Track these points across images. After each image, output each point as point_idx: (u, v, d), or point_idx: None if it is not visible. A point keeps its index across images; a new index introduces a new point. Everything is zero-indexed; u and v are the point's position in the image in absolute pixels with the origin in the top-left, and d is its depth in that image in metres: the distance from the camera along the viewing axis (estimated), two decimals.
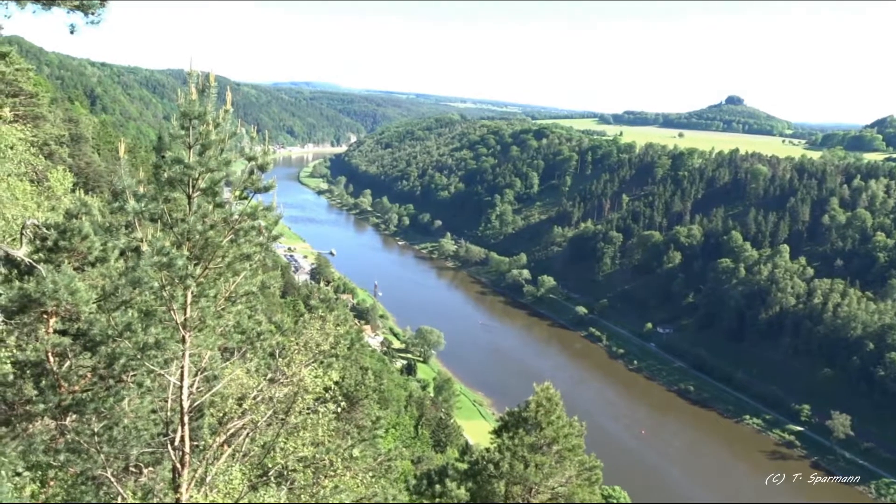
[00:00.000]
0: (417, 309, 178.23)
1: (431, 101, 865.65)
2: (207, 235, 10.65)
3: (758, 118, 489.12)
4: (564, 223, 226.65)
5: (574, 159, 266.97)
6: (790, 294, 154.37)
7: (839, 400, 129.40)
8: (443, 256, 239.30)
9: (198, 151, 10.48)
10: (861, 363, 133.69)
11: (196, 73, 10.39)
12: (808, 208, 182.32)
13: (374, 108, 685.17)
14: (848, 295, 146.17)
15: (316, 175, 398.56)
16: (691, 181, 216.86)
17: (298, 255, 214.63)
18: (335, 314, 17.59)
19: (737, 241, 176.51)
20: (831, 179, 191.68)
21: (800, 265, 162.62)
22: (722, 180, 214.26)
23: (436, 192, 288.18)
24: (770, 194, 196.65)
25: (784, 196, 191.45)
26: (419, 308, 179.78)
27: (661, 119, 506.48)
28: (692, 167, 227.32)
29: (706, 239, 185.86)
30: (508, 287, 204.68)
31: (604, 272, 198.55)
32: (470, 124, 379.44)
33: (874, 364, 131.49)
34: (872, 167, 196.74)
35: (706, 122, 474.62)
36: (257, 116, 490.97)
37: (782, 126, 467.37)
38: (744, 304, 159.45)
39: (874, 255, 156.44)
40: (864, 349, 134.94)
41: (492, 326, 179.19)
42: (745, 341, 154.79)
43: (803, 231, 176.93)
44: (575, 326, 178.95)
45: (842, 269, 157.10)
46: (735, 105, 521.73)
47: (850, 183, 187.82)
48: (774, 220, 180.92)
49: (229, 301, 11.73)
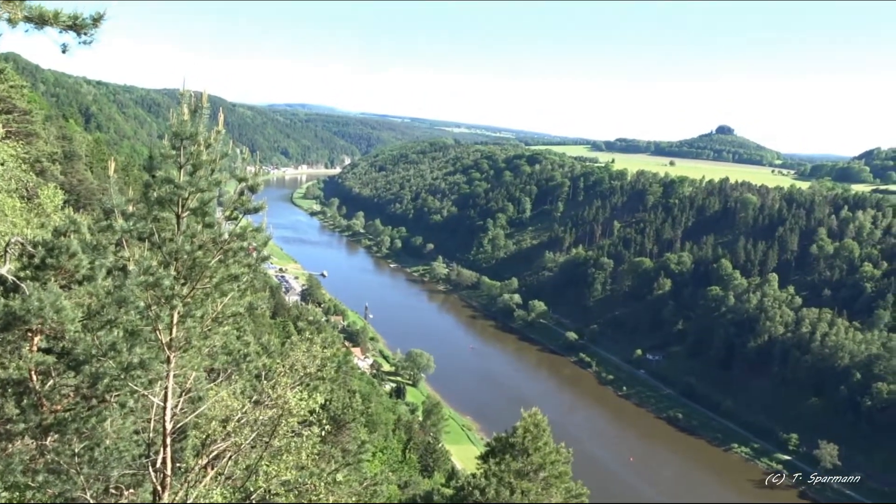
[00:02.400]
0: (408, 332, 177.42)
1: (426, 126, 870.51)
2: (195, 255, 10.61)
3: (748, 148, 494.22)
4: (556, 248, 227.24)
5: (566, 185, 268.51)
6: (779, 323, 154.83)
7: (827, 429, 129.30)
8: (434, 280, 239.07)
9: (188, 171, 10.48)
10: (848, 393, 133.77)
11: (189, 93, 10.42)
12: (796, 238, 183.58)
13: (369, 131, 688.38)
14: (836, 324, 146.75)
15: (309, 196, 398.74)
16: (682, 209, 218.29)
17: (290, 275, 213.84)
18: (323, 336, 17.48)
19: (726, 270, 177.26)
20: (820, 210, 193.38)
21: (788, 294, 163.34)
22: (712, 209, 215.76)
23: (428, 215, 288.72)
24: (759, 223, 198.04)
25: (773, 225, 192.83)
26: (410, 331, 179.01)
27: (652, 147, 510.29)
28: (683, 195, 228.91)
29: (696, 266, 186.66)
30: (499, 311, 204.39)
31: (594, 298, 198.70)
32: (464, 149, 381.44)
33: (861, 394, 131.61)
34: (860, 198, 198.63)
35: (697, 150, 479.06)
36: (252, 137, 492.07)
37: (772, 156, 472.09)
38: (733, 333, 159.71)
39: (861, 286, 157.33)
40: (852, 379, 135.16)
41: (482, 351, 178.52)
42: (734, 369, 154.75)
43: (792, 260, 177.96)
44: (565, 352, 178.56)
45: (830, 298, 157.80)
46: (726, 135, 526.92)
47: (838, 213, 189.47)
48: (763, 248, 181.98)
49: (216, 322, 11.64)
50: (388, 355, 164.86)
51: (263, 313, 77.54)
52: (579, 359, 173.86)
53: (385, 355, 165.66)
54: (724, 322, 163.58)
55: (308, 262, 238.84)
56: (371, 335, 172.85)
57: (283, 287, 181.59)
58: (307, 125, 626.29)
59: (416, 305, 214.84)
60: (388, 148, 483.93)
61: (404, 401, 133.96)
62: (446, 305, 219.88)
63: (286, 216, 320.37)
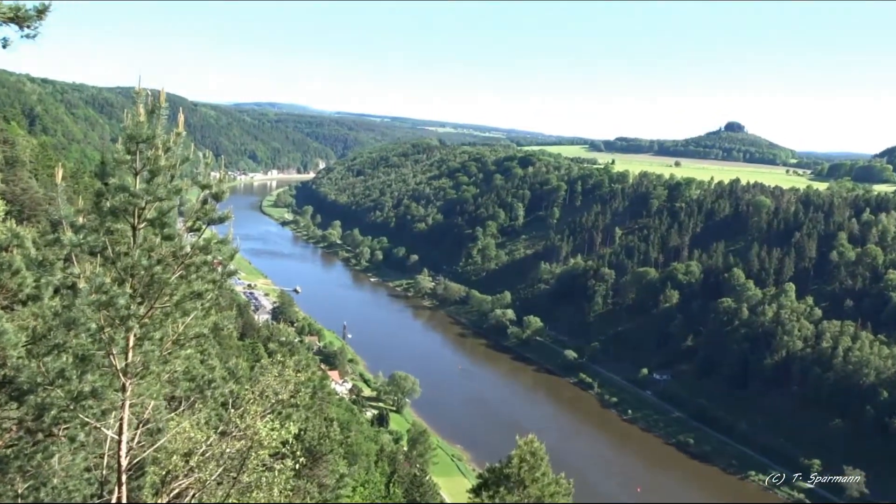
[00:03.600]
0: (390, 352, 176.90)
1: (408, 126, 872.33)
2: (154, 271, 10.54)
3: (760, 146, 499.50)
4: (552, 259, 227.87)
5: (563, 189, 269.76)
6: (797, 337, 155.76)
7: (852, 454, 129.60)
8: (419, 294, 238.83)
9: (145, 178, 10.42)
10: (875, 413, 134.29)
11: (145, 91, 10.38)
12: (814, 244, 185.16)
13: (346, 132, 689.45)
14: (859, 338, 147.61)
15: (280, 204, 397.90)
16: (689, 213, 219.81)
17: (259, 292, 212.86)
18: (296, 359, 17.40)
19: (739, 280, 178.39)
20: (839, 213, 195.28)
21: (807, 305, 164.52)
22: (722, 213, 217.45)
23: (412, 223, 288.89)
24: (774, 228, 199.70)
25: (789, 230, 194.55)
26: (392, 351, 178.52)
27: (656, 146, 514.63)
28: (690, 198, 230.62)
29: (705, 276, 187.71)
30: (491, 328, 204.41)
31: (595, 312, 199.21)
32: (450, 150, 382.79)
33: (889, 414, 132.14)
34: (883, 199, 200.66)
35: (704, 149, 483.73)
36: (216, 139, 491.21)
37: (786, 155, 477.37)
38: (747, 349, 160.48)
39: (887, 295, 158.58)
40: (878, 397, 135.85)
41: (472, 372, 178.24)
42: (749, 389, 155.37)
43: (810, 268, 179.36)
44: (564, 372, 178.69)
45: (852, 309, 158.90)
46: (735, 132, 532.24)
47: (859, 216, 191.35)
48: (779, 256, 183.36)
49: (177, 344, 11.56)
50: (369, 379, 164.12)
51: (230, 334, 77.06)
52: (579, 380, 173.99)
53: (366, 379, 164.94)
54: (737, 337, 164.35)
55: (279, 277, 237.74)
56: (350, 357, 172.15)
57: (252, 305, 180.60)
58: (277, 126, 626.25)
59: (400, 323, 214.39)
60: (367, 150, 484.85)
61: (387, 429, 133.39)
62: (433, 323, 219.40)
63: (255, 226, 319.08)
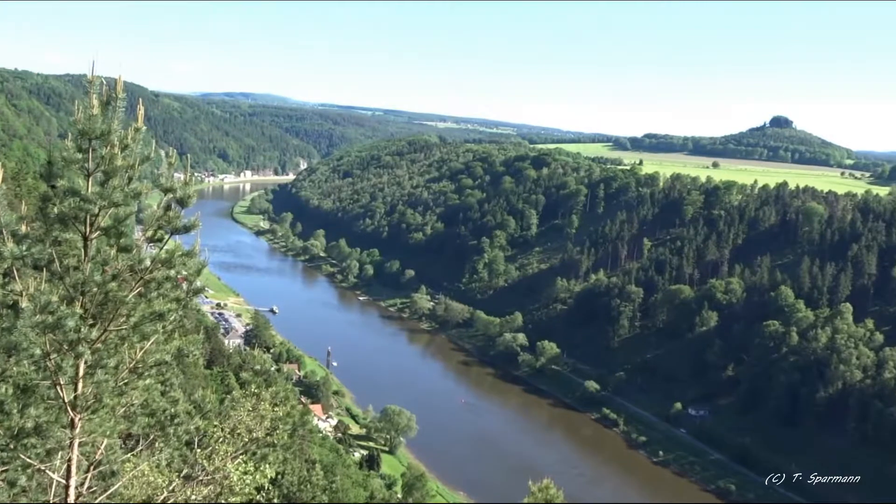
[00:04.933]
0: (382, 383, 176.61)
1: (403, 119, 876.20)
2: (108, 288, 10.53)
3: (810, 145, 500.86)
4: (570, 274, 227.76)
5: (582, 194, 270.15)
6: (855, 367, 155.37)
7: None
8: (416, 316, 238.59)
9: (99, 180, 10.43)
10: None
11: (99, 79, 10.40)
12: (874, 258, 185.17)
13: (331, 126, 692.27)
14: None
15: (254, 211, 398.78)
16: (729, 222, 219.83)
17: (230, 312, 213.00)
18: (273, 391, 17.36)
19: (787, 299, 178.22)
20: None
21: (866, 330, 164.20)
22: (767, 222, 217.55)
23: (408, 233, 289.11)
24: (827, 240, 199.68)
25: (844, 242, 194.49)
26: (385, 382, 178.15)
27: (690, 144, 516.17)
28: (730, 205, 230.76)
29: (748, 295, 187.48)
30: (499, 355, 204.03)
31: (620, 337, 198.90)
32: (451, 148, 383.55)
33: None
34: None
35: (746, 148, 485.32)
36: (180, 135, 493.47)
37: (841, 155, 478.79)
38: (797, 380, 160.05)
39: None
40: None
41: (477, 406, 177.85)
42: (800, 427, 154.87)
43: (869, 286, 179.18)
44: (584, 406, 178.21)
45: None
46: (782, 128, 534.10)
47: None
48: (833, 272, 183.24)
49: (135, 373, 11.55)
50: (358, 414, 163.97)
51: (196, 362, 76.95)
52: (602, 415, 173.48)
53: (353, 414, 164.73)
54: (785, 366, 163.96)
55: (254, 296, 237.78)
56: (335, 388, 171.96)
57: (222, 328, 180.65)
58: (251, 120, 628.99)
59: (393, 349, 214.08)
60: (356, 148, 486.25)
61: (379, 472, 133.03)
62: (432, 348, 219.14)
63: (225, 236, 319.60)
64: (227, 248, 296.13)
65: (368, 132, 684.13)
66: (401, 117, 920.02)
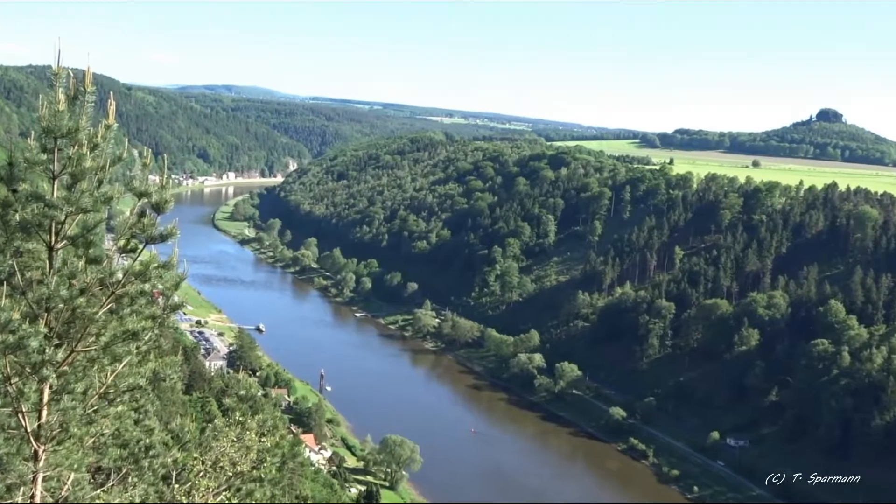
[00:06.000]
0: (382, 410, 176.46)
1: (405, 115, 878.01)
2: (76, 304, 10.55)
3: (863, 141, 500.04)
4: (593, 287, 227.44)
5: (606, 197, 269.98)
6: None
7: None
8: (420, 334, 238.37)
9: (65, 184, 10.47)
10: None
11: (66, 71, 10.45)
12: None
13: (324, 122, 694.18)
14: None
15: (239, 217, 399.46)
16: (771, 229, 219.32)
17: (211, 331, 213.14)
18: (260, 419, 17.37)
19: (837, 315, 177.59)
20: None
21: None
22: (814, 228, 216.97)
23: (410, 242, 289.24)
24: (882, 248, 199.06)
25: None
26: (385, 409, 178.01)
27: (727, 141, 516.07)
28: (772, 209, 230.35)
29: (794, 311, 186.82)
30: (513, 378, 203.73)
31: (649, 358, 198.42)
32: (459, 147, 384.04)
33: None
34: None
35: (791, 145, 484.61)
36: (156, 133, 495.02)
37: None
38: (849, 405, 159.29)
39: None
40: None
41: (489, 436, 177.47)
42: (852, 458, 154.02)
43: None
44: (609, 436, 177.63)
45: None
46: (831, 122, 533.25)
47: None
48: (889, 284, 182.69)
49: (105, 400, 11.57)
50: (355, 445, 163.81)
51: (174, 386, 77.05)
52: (630, 445, 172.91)
53: (350, 445, 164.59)
54: (835, 390, 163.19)
55: (238, 312, 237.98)
56: (329, 416, 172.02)
57: (203, 348, 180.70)
58: (235, 115, 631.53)
59: (394, 372, 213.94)
60: (352, 147, 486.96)
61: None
62: (437, 371, 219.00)
63: (206, 246, 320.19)
64: (209, 259, 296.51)
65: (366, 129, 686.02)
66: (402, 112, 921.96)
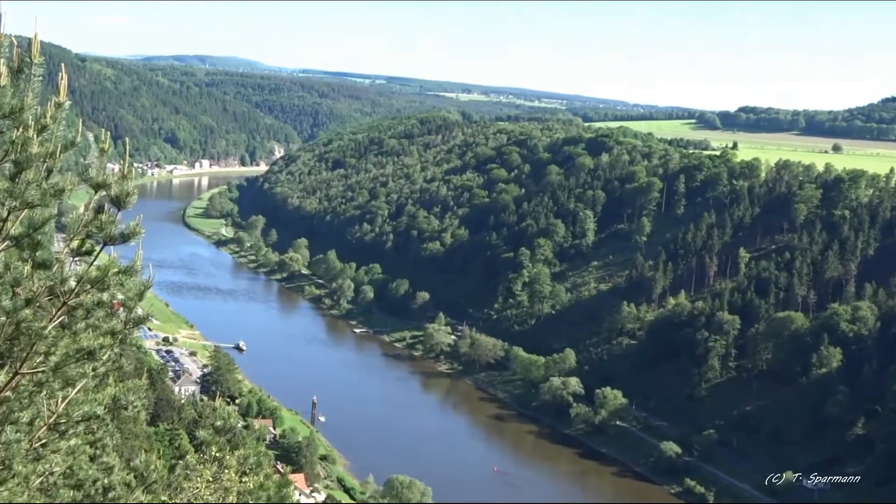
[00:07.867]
0: (387, 445, 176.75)
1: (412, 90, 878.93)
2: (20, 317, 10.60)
3: None
4: (640, 298, 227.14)
5: (656, 188, 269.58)
6: None
7: None
8: (432, 354, 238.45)
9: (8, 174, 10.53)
10: None
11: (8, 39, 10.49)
12: None
13: (316, 100, 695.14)
14: None
15: (214, 213, 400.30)
16: (856, 227, 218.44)
17: (181, 350, 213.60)
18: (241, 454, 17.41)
19: None
20: None
21: None
22: None
23: (420, 243, 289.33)
24: None
25: None
26: (390, 444, 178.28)
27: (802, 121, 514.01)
28: (857, 203, 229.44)
29: (884, 326, 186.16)
30: (544, 407, 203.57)
31: (709, 382, 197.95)
32: (478, 129, 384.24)
33: None
34: None
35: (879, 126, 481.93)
36: (114, 113, 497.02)
37: None
38: None
39: None
40: None
41: (515, 476, 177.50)
42: None
43: None
44: (660, 476, 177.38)
45: None
46: None
47: None
48: None
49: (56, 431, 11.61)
50: (354, 486, 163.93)
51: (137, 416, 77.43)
52: (685, 488, 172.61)
53: (348, 486, 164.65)
54: None
55: (213, 328, 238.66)
56: (323, 451, 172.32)
57: (171, 370, 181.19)
58: (210, 92, 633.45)
59: (401, 399, 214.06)
60: (349, 129, 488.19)
61: None
62: (453, 398, 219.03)
63: (175, 248, 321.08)
64: (179, 264, 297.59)
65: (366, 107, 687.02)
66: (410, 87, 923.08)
